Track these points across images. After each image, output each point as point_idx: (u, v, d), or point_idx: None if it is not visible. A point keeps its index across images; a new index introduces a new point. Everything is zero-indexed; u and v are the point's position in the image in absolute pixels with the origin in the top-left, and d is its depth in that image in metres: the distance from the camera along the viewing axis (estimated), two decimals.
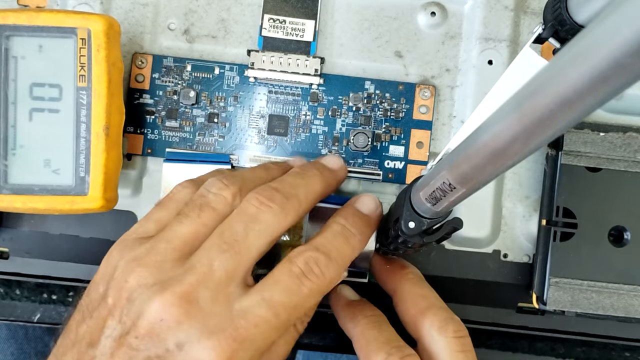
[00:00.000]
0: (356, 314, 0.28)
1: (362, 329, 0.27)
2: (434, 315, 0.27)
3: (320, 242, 0.26)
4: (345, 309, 0.29)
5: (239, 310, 0.23)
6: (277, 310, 0.23)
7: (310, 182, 0.27)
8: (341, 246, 0.26)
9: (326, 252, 0.25)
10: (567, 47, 0.13)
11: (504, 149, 0.16)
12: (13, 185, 0.28)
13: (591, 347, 0.36)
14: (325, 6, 0.34)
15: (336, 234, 0.26)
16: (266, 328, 0.23)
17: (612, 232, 0.31)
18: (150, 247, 0.24)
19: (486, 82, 0.33)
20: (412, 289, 0.28)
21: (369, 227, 0.28)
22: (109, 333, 0.23)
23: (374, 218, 0.28)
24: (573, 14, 0.25)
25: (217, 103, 0.33)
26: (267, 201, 0.25)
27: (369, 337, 0.27)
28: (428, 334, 0.27)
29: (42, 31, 0.28)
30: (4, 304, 0.34)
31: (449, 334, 0.26)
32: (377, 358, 0.26)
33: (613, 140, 0.31)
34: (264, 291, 0.24)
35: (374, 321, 0.28)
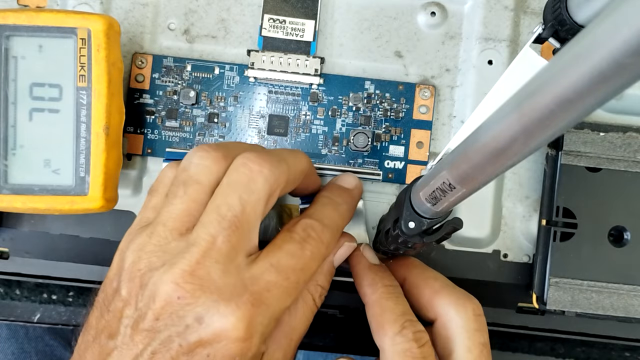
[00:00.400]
0: (376, 280, 0.28)
1: (379, 297, 0.28)
2: (451, 293, 0.27)
3: (312, 212, 0.28)
4: (366, 272, 0.29)
5: (250, 277, 0.24)
6: (286, 274, 0.24)
7: (299, 156, 0.28)
8: (331, 213, 0.28)
9: (319, 219, 0.27)
10: (567, 47, 0.13)
11: (504, 149, 0.16)
12: (13, 185, 0.28)
13: (591, 347, 0.36)
14: (325, 6, 0.34)
15: (325, 204, 0.28)
16: (279, 292, 0.24)
17: (612, 232, 0.31)
18: (150, 233, 0.24)
19: (486, 82, 0.33)
20: (423, 273, 0.29)
21: (352, 198, 0.30)
22: (127, 322, 0.23)
23: (355, 191, 0.30)
24: (573, 14, 0.25)
25: (217, 103, 0.33)
26: (258, 166, 0.24)
27: (385, 307, 0.27)
28: (445, 312, 0.27)
29: (42, 31, 0.28)
30: (4, 304, 0.34)
31: (468, 312, 0.27)
32: (391, 328, 0.26)
33: (613, 140, 0.31)
34: (271, 257, 0.24)
35: (392, 292, 0.28)
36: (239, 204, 0.24)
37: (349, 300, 0.34)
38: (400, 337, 0.26)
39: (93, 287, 0.34)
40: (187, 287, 0.22)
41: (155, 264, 0.23)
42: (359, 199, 0.31)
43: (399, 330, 0.26)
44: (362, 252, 0.30)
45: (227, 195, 0.24)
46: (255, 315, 0.23)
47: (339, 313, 0.34)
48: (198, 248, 0.23)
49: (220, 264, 0.23)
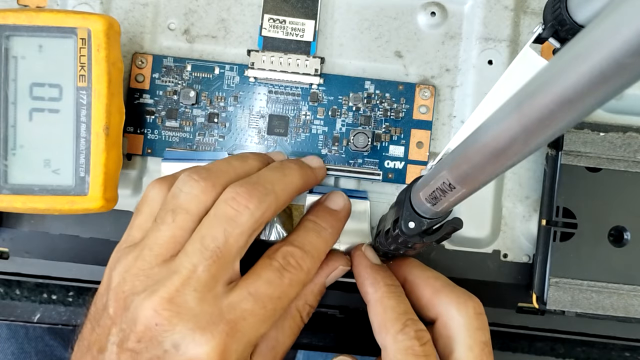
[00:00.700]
0: (378, 279, 0.29)
1: (381, 296, 0.28)
2: (452, 292, 0.27)
3: (294, 237, 0.28)
4: (368, 271, 0.29)
5: (227, 305, 0.24)
6: (263, 302, 0.25)
7: (289, 176, 0.28)
8: (314, 240, 0.28)
9: (300, 246, 0.27)
10: (567, 47, 0.13)
11: (504, 149, 0.16)
12: (13, 185, 0.28)
13: (591, 347, 0.36)
14: (325, 6, 0.34)
15: (308, 230, 0.28)
16: (255, 320, 0.25)
17: (612, 232, 0.31)
18: (136, 256, 0.25)
19: (486, 82, 0.33)
20: (423, 273, 0.29)
21: (338, 221, 0.30)
22: (113, 340, 0.24)
23: (342, 213, 0.30)
24: (573, 14, 0.25)
25: (217, 103, 0.33)
26: (245, 200, 0.25)
27: (387, 306, 0.27)
28: (446, 311, 0.27)
29: (42, 31, 0.28)
30: (4, 304, 0.34)
31: (469, 311, 0.27)
32: (394, 327, 0.26)
33: (613, 140, 0.31)
34: (249, 286, 0.25)
35: (393, 291, 0.28)
36: (223, 236, 0.25)
37: (349, 300, 0.34)
38: (403, 335, 0.26)
39: (93, 287, 0.34)
40: (165, 314, 0.23)
41: (137, 287, 0.24)
42: (347, 220, 0.31)
43: (401, 329, 0.26)
44: (363, 252, 0.30)
45: (212, 227, 0.25)
46: (230, 344, 0.24)
47: (339, 313, 0.34)
48: (179, 276, 0.24)
49: (198, 293, 0.24)
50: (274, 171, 0.28)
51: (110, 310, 0.25)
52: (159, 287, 0.24)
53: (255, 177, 0.27)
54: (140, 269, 0.25)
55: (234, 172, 0.27)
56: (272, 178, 0.27)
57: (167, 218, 0.25)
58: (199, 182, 0.26)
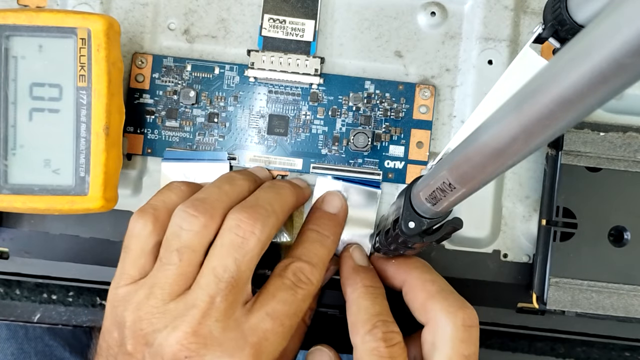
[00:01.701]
0: (357, 280, 0.29)
1: (357, 297, 0.28)
2: (444, 299, 0.27)
3: (301, 252, 0.29)
4: (350, 272, 0.30)
5: (248, 329, 0.25)
6: (281, 321, 0.26)
7: (284, 195, 0.29)
8: (319, 251, 0.29)
9: (308, 260, 0.28)
10: (567, 47, 0.13)
11: (504, 149, 0.16)
12: (13, 185, 0.28)
13: (591, 347, 0.36)
14: (325, 6, 0.34)
15: (313, 241, 0.29)
16: (276, 338, 0.26)
17: (612, 232, 0.31)
18: (147, 294, 0.26)
19: (486, 82, 0.33)
20: (421, 275, 0.29)
21: (338, 226, 0.31)
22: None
23: (341, 215, 0.31)
24: (573, 14, 0.25)
25: (217, 103, 0.33)
26: (249, 226, 0.26)
27: (361, 306, 0.28)
28: (435, 318, 0.27)
29: (42, 31, 0.28)
30: (4, 304, 0.34)
31: (457, 321, 0.26)
32: (363, 328, 0.27)
33: (613, 140, 0.31)
34: (266, 307, 0.26)
35: (371, 292, 0.29)
36: (234, 265, 0.25)
37: None
38: (370, 336, 0.26)
39: (93, 287, 0.34)
40: (192, 347, 0.24)
41: (157, 325, 0.25)
42: (345, 220, 0.32)
43: (369, 329, 0.27)
44: (350, 253, 0.31)
45: (222, 258, 0.26)
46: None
47: (339, 313, 0.34)
48: (198, 310, 0.25)
49: (221, 322, 0.25)
50: (269, 191, 0.29)
51: (128, 347, 0.25)
52: (180, 323, 0.25)
53: (253, 200, 0.28)
54: (154, 306, 0.25)
55: (228, 198, 0.28)
56: (269, 198, 0.28)
57: (173, 258, 0.26)
58: (197, 217, 0.26)
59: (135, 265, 0.27)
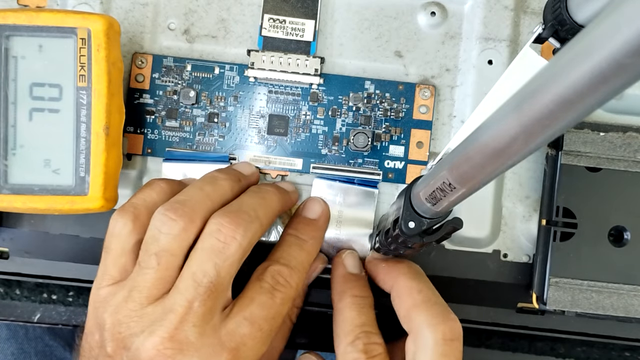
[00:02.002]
0: (345, 290, 0.29)
1: (343, 306, 0.28)
2: (427, 311, 0.27)
3: (279, 255, 0.29)
4: (339, 281, 0.30)
5: (226, 334, 0.25)
6: (259, 325, 0.26)
7: (268, 200, 0.29)
8: (297, 254, 0.29)
9: (286, 263, 0.28)
10: (567, 47, 0.13)
11: (504, 149, 0.16)
12: (13, 185, 0.28)
13: (591, 347, 0.36)
14: (325, 6, 0.34)
15: (291, 245, 0.29)
16: (255, 343, 0.26)
17: (612, 232, 0.31)
18: (125, 297, 0.26)
19: (486, 82, 0.33)
20: (408, 283, 0.28)
21: (318, 230, 0.31)
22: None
23: (321, 220, 0.31)
24: (573, 14, 0.25)
25: (217, 103, 0.33)
26: (231, 231, 0.26)
27: (346, 316, 0.28)
28: (418, 329, 0.26)
29: (42, 31, 0.28)
30: (4, 304, 0.34)
31: (438, 335, 0.26)
32: (345, 338, 0.27)
33: (613, 140, 0.31)
34: (243, 311, 0.26)
35: (357, 302, 0.29)
36: (214, 270, 0.25)
37: None
38: (351, 347, 0.27)
39: None
40: (168, 352, 0.24)
41: (134, 329, 0.25)
42: (327, 226, 0.31)
43: (351, 341, 0.27)
44: (342, 260, 0.31)
45: (202, 262, 0.25)
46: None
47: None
48: (175, 314, 0.24)
49: (198, 327, 0.25)
50: (253, 196, 0.28)
51: (108, 349, 0.25)
52: (157, 327, 0.24)
53: (236, 205, 0.27)
54: (132, 310, 0.25)
55: (210, 200, 0.27)
56: (253, 204, 0.28)
57: (151, 262, 0.26)
58: (176, 221, 0.26)
59: (116, 265, 0.27)
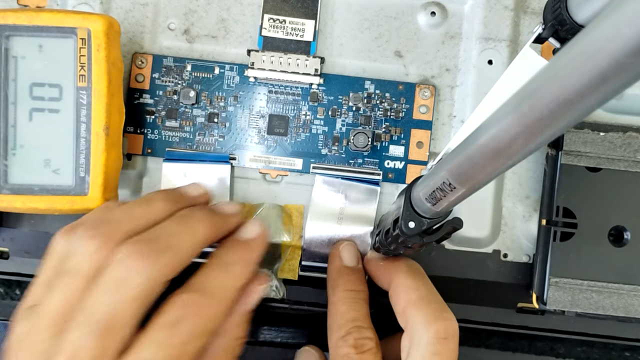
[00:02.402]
0: (339, 283, 0.29)
1: (337, 300, 0.28)
2: (423, 308, 0.26)
3: (195, 280, 0.25)
4: (334, 273, 0.30)
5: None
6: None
7: (194, 227, 0.26)
8: (218, 279, 0.26)
9: (200, 289, 0.25)
10: (567, 47, 0.13)
11: (504, 148, 0.16)
12: (13, 185, 0.28)
13: (591, 347, 0.36)
14: (325, 6, 0.34)
15: (213, 267, 0.26)
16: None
17: (612, 232, 0.31)
18: (30, 325, 0.24)
19: (486, 82, 0.33)
20: (405, 281, 0.28)
21: (250, 251, 0.28)
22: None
23: (255, 242, 0.28)
24: (573, 14, 0.25)
25: (217, 103, 0.33)
26: (136, 262, 0.23)
27: (339, 311, 0.28)
28: (413, 326, 0.26)
29: (42, 31, 0.28)
30: (4, 304, 0.34)
31: (431, 333, 0.25)
32: (337, 332, 0.27)
33: (613, 140, 0.31)
34: (141, 352, 0.23)
35: (351, 297, 0.28)
36: (111, 305, 0.23)
37: None
38: (342, 342, 0.26)
39: None
40: None
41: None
42: (263, 249, 0.29)
43: (342, 335, 0.26)
44: (339, 252, 0.30)
45: (99, 295, 0.23)
46: None
47: None
48: (64, 353, 0.22)
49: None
50: (177, 224, 0.26)
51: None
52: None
53: (152, 233, 0.25)
54: (32, 341, 0.23)
55: (135, 223, 0.25)
56: (172, 232, 0.25)
57: (58, 282, 0.24)
58: (92, 239, 0.24)
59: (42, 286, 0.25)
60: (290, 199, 0.33)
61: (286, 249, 0.33)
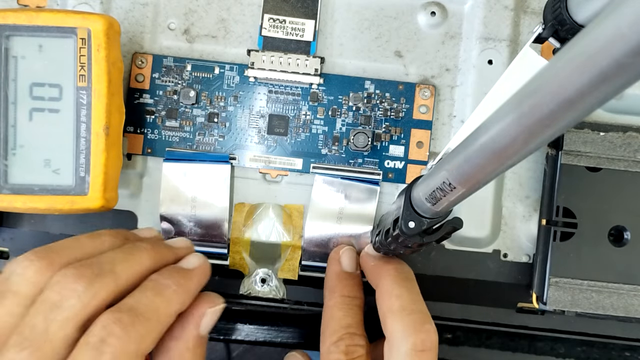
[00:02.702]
0: (336, 289, 0.29)
1: (332, 305, 0.28)
2: (402, 319, 0.26)
3: (125, 301, 0.24)
4: (332, 278, 0.30)
5: None
6: None
7: (135, 255, 0.26)
8: (150, 300, 0.25)
9: (130, 309, 0.24)
10: (567, 47, 0.13)
11: (504, 148, 0.16)
12: (13, 185, 0.28)
13: (591, 347, 0.36)
14: (325, 6, 0.34)
15: (146, 289, 0.25)
16: None
17: (612, 232, 0.31)
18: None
19: (486, 82, 0.33)
20: (389, 287, 0.28)
21: (187, 279, 0.27)
22: None
23: (196, 272, 0.27)
24: (573, 14, 0.25)
25: (217, 103, 0.33)
26: (71, 283, 0.23)
27: (334, 316, 0.28)
28: (392, 335, 0.26)
29: (42, 31, 0.28)
30: None
31: (409, 345, 0.25)
32: (329, 338, 0.27)
33: (613, 140, 0.31)
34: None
35: (346, 302, 0.28)
36: (43, 325, 0.22)
37: None
38: (334, 347, 0.27)
39: None
40: None
41: None
42: (204, 280, 0.28)
43: (334, 341, 0.27)
44: (339, 256, 0.30)
45: (33, 315, 0.23)
46: None
47: None
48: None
49: None
50: (118, 251, 0.26)
51: None
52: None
53: (94, 259, 0.25)
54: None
55: (80, 251, 0.25)
56: (112, 258, 0.25)
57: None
58: (33, 262, 0.24)
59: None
60: (290, 198, 0.33)
61: (286, 249, 0.33)
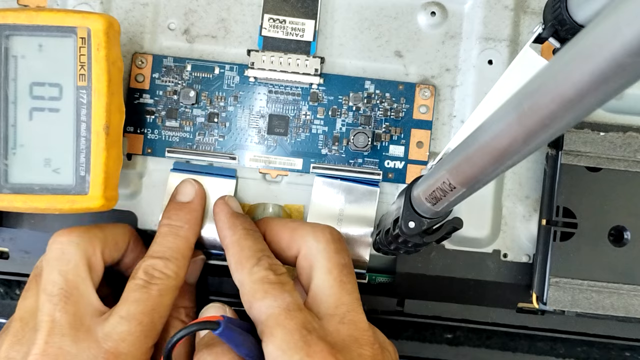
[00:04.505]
0: (237, 224, 0.30)
1: (239, 238, 0.29)
2: (307, 226, 0.29)
3: (154, 249, 0.29)
4: (228, 217, 0.30)
5: (103, 336, 0.26)
6: (138, 320, 0.26)
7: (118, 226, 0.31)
8: (172, 243, 0.29)
9: (160, 255, 0.28)
10: (567, 47, 0.13)
11: (504, 148, 0.16)
12: (13, 184, 0.28)
13: (591, 347, 0.36)
14: (325, 6, 0.34)
15: (165, 235, 0.29)
16: (134, 338, 0.26)
17: (612, 232, 0.31)
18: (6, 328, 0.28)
19: (486, 82, 0.33)
20: (280, 220, 0.30)
21: (192, 213, 0.31)
22: None
23: (195, 202, 0.31)
24: (573, 14, 0.25)
25: (217, 103, 0.33)
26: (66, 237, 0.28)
27: (244, 245, 0.28)
28: (304, 243, 0.28)
29: (42, 30, 0.28)
30: (4, 304, 0.34)
31: (325, 237, 0.28)
32: (248, 262, 0.28)
33: (613, 140, 0.31)
34: (120, 311, 0.27)
35: (251, 233, 0.29)
36: (60, 277, 0.26)
37: None
38: (257, 267, 0.27)
39: None
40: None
41: (15, 358, 0.26)
42: (203, 207, 0.32)
43: (255, 263, 0.27)
44: (226, 201, 0.31)
45: (47, 274, 0.27)
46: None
47: None
48: (42, 331, 0.25)
49: (68, 336, 0.25)
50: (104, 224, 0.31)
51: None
52: (31, 348, 0.25)
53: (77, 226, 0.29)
54: (12, 341, 0.26)
55: None
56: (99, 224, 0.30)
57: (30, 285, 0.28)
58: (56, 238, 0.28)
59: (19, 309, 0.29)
60: (290, 199, 0.33)
61: None
